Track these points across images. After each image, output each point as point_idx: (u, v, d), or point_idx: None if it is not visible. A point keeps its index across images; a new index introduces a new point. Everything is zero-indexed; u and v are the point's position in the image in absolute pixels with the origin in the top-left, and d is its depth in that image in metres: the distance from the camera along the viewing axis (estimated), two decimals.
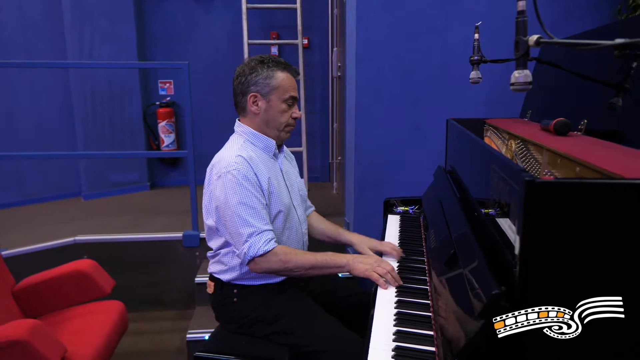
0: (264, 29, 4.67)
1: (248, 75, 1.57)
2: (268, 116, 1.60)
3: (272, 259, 1.47)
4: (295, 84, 1.63)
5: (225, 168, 1.50)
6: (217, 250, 1.62)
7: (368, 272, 1.44)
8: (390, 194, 2.32)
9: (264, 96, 1.58)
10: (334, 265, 1.50)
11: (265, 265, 1.48)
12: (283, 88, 1.58)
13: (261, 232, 1.46)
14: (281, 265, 1.48)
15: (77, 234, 2.98)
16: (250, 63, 1.60)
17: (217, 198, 1.51)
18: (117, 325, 1.96)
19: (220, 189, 1.50)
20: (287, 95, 1.59)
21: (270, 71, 1.57)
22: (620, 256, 0.70)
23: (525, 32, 1.04)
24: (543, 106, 1.86)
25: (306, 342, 1.45)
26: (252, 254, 1.45)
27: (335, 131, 4.34)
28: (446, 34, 2.59)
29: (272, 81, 1.56)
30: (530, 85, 1.04)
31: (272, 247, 1.47)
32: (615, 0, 2.62)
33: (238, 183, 1.47)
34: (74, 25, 4.12)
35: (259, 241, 1.45)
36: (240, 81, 1.59)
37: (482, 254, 1.02)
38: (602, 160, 0.86)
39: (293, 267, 1.48)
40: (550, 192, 0.70)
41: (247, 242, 1.45)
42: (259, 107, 1.59)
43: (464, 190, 1.62)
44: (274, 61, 1.59)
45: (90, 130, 4.29)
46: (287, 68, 1.60)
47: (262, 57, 1.60)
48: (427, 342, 1.10)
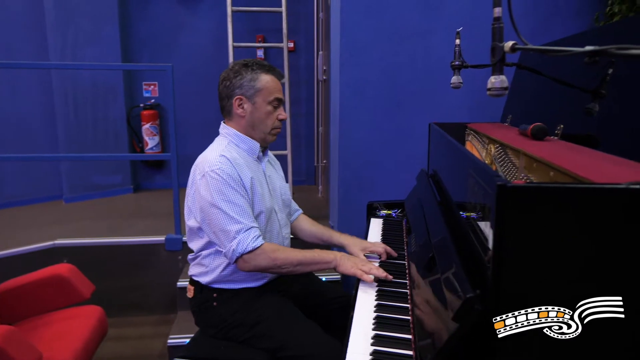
0: (250, 32, 4.66)
1: (233, 79, 1.59)
2: (254, 118, 1.61)
3: (260, 256, 1.47)
4: (280, 86, 1.64)
5: (209, 167, 1.50)
6: (198, 251, 1.61)
7: (354, 269, 1.46)
8: (374, 197, 2.33)
9: (249, 98, 1.59)
10: (322, 262, 1.52)
11: (253, 263, 1.48)
12: (268, 90, 1.59)
13: (249, 229, 1.47)
14: (269, 262, 1.48)
15: (57, 237, 2.93)
16: (235, 67, 1.61)
17: (202, 197, 1.50)
18: (95, 330, 1.93)
19: (204, 187, 1.50)
20: (272, 97, 1.60)
21: (255, 74, 1.58)
22: (589, 259, 0.71)
23: (501, 39, 1.05)
24: (523, 111, 1.89)
25: (285, 347, 1.44)
26: (240, 250, 1.45)
27: (320, 134, 4.34)
28: (429, 38, 2.62)
29: (257, 83, 1.58)
30: (506, 91, 1.06)
31: (260, 243, 1.47)
32: (593, 8, 2.67)
33: (222, 181, 1.48)
34: (57, 26, 4.07)
35: (247, 238, 1.46)
36: (225, 85, 1.60)
37: (459, 258, 1.02)
38: (574, 165, 0.87)
39: (281, 264, 1.49)
40: (520, 196, 0.70)
41: (236, 238, 1.45)
42: (245, 110, 1.60)
43: (445, 194, 1.63)
44: (258, 64, 1.61)
45: (72, 132, 4.24)
46: (271, 71, 1.62)
47: (246, 61, 1.62)
48: (405, 346, 1.10)
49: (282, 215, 1.73)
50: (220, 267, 1.57)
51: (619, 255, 0.71)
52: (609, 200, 0.69)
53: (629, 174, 0.79)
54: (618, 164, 0.90)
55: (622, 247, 0.70)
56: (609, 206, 0.70)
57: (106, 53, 4.27)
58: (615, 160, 0.94)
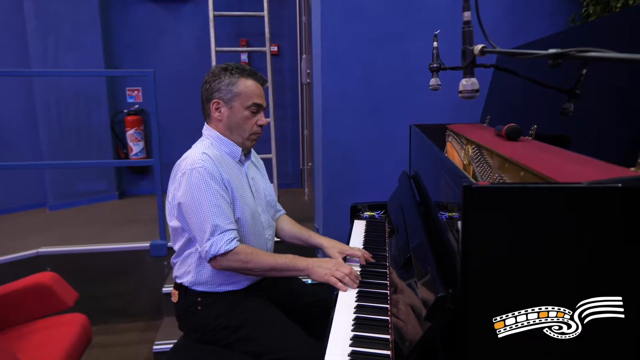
0: (234, 36, 4.67)
1: (212, 82, 1.60)
2: (231, 122, 1.61)
3: (232, 258, 1.49)
4: (261, 92, 1.64)
5: (191, 165, 1.51)
6: (181, 250, 1.62)
7: (327, 277, 1.47)
8: (358, 199, 2.35)
9: (226, 102, 1.60)
10: (294, 269, 1.53)
11: (225, 264, 1.50)
12: (246, 95, 1.59)
13: (224, 232, 1.48)
14: (241, 265, 1.50)
15: (40, 245, 2.91)
16: (215, 70, 1.62)
17: (182, 195, 1.51)
18: (79, 338, 1.92)
19: (185, 185, 1.50)
20: (249, 102, 1.60)
21: (234, 78, 1.58)
22: (552, 257, 0.73)
23: (471, 42, 1.08)
24: (501, 112, 1.92)
25: (267, 350, 1.45)
26: (213, 252, 1.47)
27: (305, 137, 4.36)
28: (408, 41, 2.65)
29: (235, 88, 1.58)
30: (477, 93, 1.08)
31: (233, 246, 1.48)
32: (569, 10, 2.72)
33: (203, 180, 1.49)
34: (38, 33, 4.04)
35: (221, 240, 1.47)
36: (206, 88, 1.62)
37: (434, 258, 1.04)
38: (541, 165, 0.89)
39: (253, 268, 1.51)
40: (484, 196, 0.72)
41: (210, 240, 1.47)
42: (222, 114, 1.61)
43: (424, 195, 1.65)
44: (238, 68, 1.61)
45: (55, 139, 4.21)
46: (252, 75, 1.62)
47: (227, 65, 1.62)
48: (383, 346, 1.11)
49: (266, 216, 1.74)
50: (202, 266, 1.58)
51: (580, 254, 0.73)
52: (571, 199, 0.71)
53: (593, 173, 0.81)
54: (584, 163, 0.92)
55: (582, 245, 0.72)
56: (571, 205, 0.72)
57: (89, 59, 4.24)
58: (583, 159, 0.97)
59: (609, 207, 0.71)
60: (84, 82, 4.29)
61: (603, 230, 0.72)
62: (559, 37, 1.64)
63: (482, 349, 0.76)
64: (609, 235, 0.71)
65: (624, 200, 0.70)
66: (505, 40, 2.71)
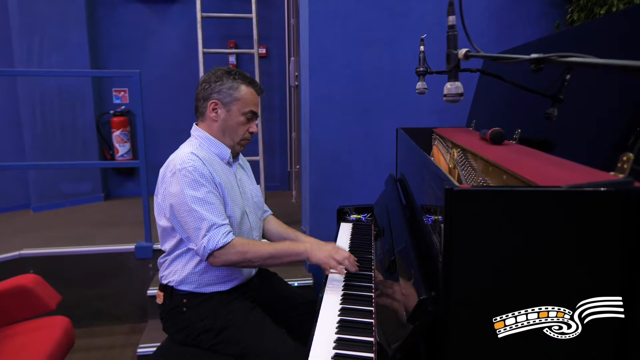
0: (222, 38, 4.66)
1: (213, 83, 1.61)
2: (226, 125, 1.63)
3: (230, 251, 1.49)
4: (257, 100, 1.68)
5: (181, 165, 1.51)
6: (170, 252, 1.61)
7: (327, 259, 1.51)
8: (345, 202, 2.35)
9: (224, 105, 1.62)
10: (293, 253, 1.55)
11: (224, 258, 1.49)
12: (245, 101, 1.62)
13: (219, 226, 1.48)
14: (240, 257, 1.50)
15: (22, 247, 2.86)
16: (217, 72, 1.64)
17: (173, 195, 1.51)
18: (60, 341, 1.88)
19: (175, 185, 1.50)
20: (247, 109, 1.63)
21: (236, 83, 1.61)
22: (533, 260, 0.74)
23: (456, 46, 1.08)
24: (487, 116, 1.94)
25: (251, 352, 1.44)
26: (211, 247, 1.47)
27: (293, 140, 4.35)
28: (395, 45, 2.66)
29: (235, 92, 1.61)
30: (462, 97, 1.09)
31: (230, 239, 1.49)
32: (554, 16, 2.76)
33: (193, 179, 1.49)
34: (22, 32, 3.98)
35: (218, 234, 1.47)
36: (204, 87, 1.63)
37: (417, 261, 1.05)
38: (524, 169, 0.90)
39: (252, 258, 1.51)
40: (466, 199, 0.73)
41: (206, 236, 1.47)
42: (218, 115, 1.63)
43: (410, 198, 1.66)
44: (240, 75, 1.64)
45: (39, 139, 4.15)
46: (252, 84, 1.65)
47: (230, 69, 1.65)
48: (367, 348, 1.11)
49: (254, 217, 1.74)
50: (190, 266, 1.58)
51: (561, 255, 0.73)
52: (550, 202, 0.72)
53: (573, 177, 0.82)
54: (565, 167, 0.93)
55: (562, 247, 0.73)
56: (550, 208, 0.73)
57: (74, 59, 4.19)
58: (564, 163, 0.98)
59: (586, 209, 0.72)
60: (69, 83, 4.24)
61: (582, 232, 0.72)
62: (543, 43, 1.67)
63: (463, 351, 0.76)
64: (586, 236, 0.72)
65: (602, 202, 0.71)
66: (491, 46, 2.75)
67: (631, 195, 0.70)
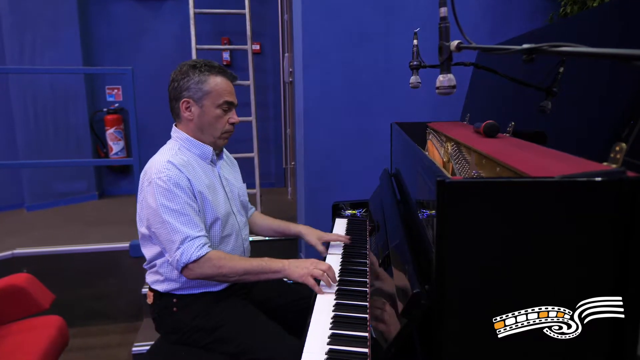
0: (216, 34, 4.63)
1: (180, 81, 1.53)
2: (202, 122, 1.56)
3: (205, 265, 1.43)
4: (231, 89, 1.59)
5: (156, 174, 1.46)
6: (153, 260, 1.58)
7: (305, 277, 1.43)
8: (340, 197, 2.34)
9: (196, 101, 1.54)
10: (270, 271, 1.47)
11: (198, 271, 1.44)
12: (216, 93, 1.54)
13: (193, 239, 1.43)
14: (215, 271, 1.44)
15: (16, 246, 2.84)
16: (183, 68, 1.55)
17: (149, 205, 1.47)
18: (54, 341, 1.87)
19: (151, 195, 1.46)
20: (221, 101, 1.55)
21: (203, 76, 1.52)
22: (527, 253, 0.73)
23: (448, 38, 1.07)
24: (481, 109, 1.93)
25: (246, 350, 1.42)
26: (184, 260, 1.42)
27: (288, 137, 4.34)
28: (389, 40, 2.65)
29: (204, 86, 1.52)
30: (454, 89, 1.08)
31: (204, 252, 1.44)
32: (548, 9, 2.76)
33: (168, 190, 1.44)
34: (14, 30, 3.95)
35: (191, 247, 1.42)
36: (174, 86, 1.55)
37: (412, 255, 1.04)
38: (515, 160, 0.90)
39: (227, 273, 1.45)
40: (458, 190, 0.72)
41: (180, 249, 1.42)
42: (192, 113, 1.55)
43: (404, 193, 1.65)
44: (207, 65, 1.55)
45: (31, 138, 4.12)
46: (221, 72, 1.56)
47: (195, 62, 1.56)
48: (361, 343, 1.10)
49: (241, 217, 1.71)
50: (175, 274, 1.53)
51: (553, 247, 0.73)
52: (543, 192, 0.72)
53: (565, 168, 0.82)
54: (558, 158, 0.92)
55: (556, 239, 0.72)
56: (543, 198, 0.72)
57: (66, 57, 4.17)
58: (557, 155, 0.97)
59: (579, 199, 0.71)
60: (62, 81, 4.21)
61: (575, 223, 0.72)
62: (536, 35, 1.66)
63: (456, 345, 0.76)
64: (580, 228, 0.72)
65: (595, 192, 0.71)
66: (485, 40, 2.74)
67: (624, 184, 0.70)
